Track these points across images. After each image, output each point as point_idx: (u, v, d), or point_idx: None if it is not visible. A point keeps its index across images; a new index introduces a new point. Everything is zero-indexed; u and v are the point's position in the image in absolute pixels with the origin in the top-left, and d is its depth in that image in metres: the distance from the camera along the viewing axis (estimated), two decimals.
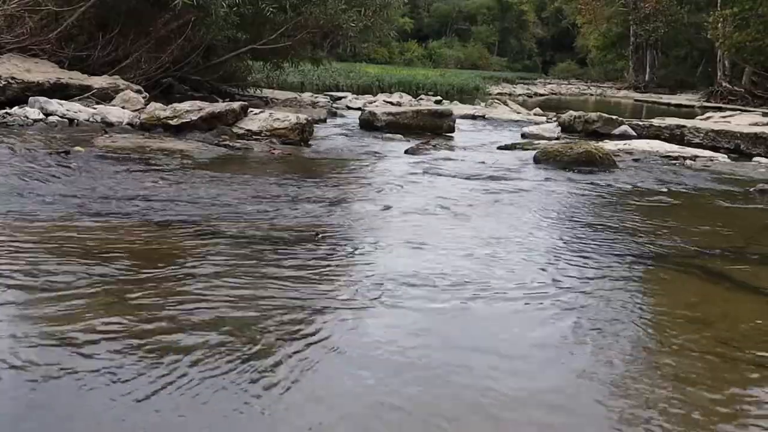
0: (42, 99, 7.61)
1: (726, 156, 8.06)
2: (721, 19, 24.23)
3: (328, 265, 3.08)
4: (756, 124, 11.74)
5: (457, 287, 2.87)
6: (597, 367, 2.20)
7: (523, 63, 57.11)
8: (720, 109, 20.59)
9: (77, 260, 2.88)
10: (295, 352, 2.16)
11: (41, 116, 7.24)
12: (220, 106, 7.70)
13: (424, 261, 3.22)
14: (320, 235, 3.58)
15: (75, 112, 7.56)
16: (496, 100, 15.51)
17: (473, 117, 12.26)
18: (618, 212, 4.70)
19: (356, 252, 3.34)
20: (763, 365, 2.29)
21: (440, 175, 5.84)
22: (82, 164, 5.08)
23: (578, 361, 2.24)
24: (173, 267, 2.89)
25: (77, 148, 5.69)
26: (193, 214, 3.86)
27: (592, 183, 5.79)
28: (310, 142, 7.40)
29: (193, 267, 2.91)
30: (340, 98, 15.27)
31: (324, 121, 9.95)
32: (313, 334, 2.31)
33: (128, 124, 7.34)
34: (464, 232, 3.84)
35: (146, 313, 2.37)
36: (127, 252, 3.06)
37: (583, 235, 3.94)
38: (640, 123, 10.48)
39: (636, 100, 28.53)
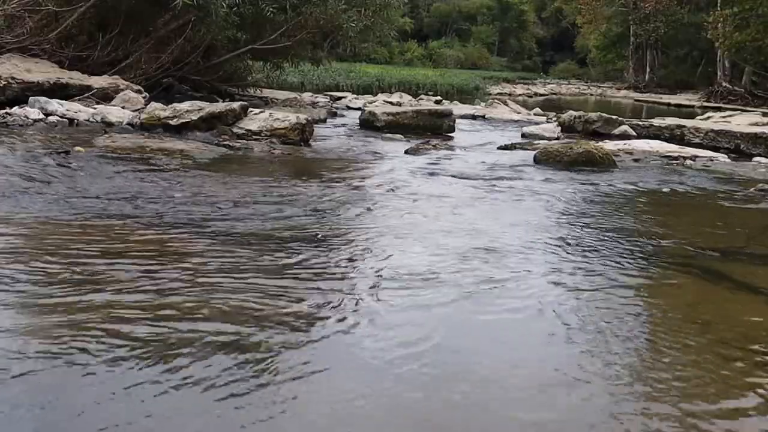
0: (42, 99, 7.62)
1: (726, 156, 8.06)
2: (721, 19, 24.22)
3: (328, 264, 3.08)
4: (756, 124, 11.74)
5: (454, 286, 2.87)
6: (595, 366, 2.20)
7: (523, 63, 57.06)
8: (720, 109, 20.61)
9: (77, 260, 2.88)
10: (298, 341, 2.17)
11: (41, 116, 7.25)
12: (220, 106, 7.70)
13: (424, 259, 3.22)
14: (321, 235, 3.58)
15: (75, 112, 7.57)
16: (496, 100, 15.48)
17: (473, 117, 12.26)
18: (618, 212, 4.70)
19: (356, 251, 3.34)
20: (763, 365, 2.29)
21: (440, 175, 5.84)
22: (82, 164, 5.08)
23: (577, 360, 2.24)
24: (175, 266, 2.88)
25: (77, 148, 5.69)
26: (194, 214, 3.86)
27: (592, 183, 5.79)
28: (310, 142, 7.40)
29: (196, 265, 2.91)
30: (340, 98, 15.26)
31: (324, 121, 9.95)
32: (314, 323, 2.32)
33: (128, 124, 7.34)
34: (464, 232, 3.84)
35: (150, 312, 2.37)
36: (128, 251, 3.06)
37: (583, 235, 3.94)
38: (640, 123, 10.48)
39: (636, 100, 28.53)
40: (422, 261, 3.22)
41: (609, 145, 7.82)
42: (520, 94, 28.19)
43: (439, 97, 16.96)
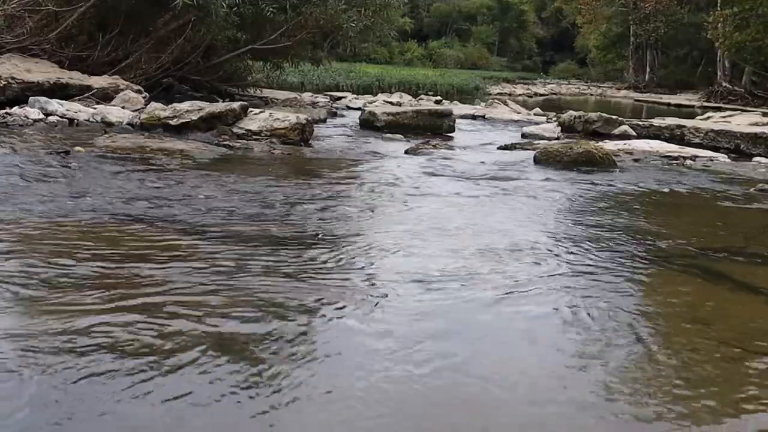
0: (42, 99, 7.62)
1: (726, 156, 8.06)
2: (721, 19, 24.23)
3: (329, 264, 3.08)
4: (756, 124, 11.74)
5: (453, 287, 2.87)
6: (595, 365, 2.20)
7: (523, 63, 57.09)
8: (720, 109, 20.62)
9: (78, 259, 2.88)
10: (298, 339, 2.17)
11: (41, 116, 7.25)
12: (220, 106, 7.70)
13: (424, 260, 3.22)
14: (321, 235, 3.58)
15: (75, 112, 7.57)
16: (496, 100, 15.49)
17: (473, 117, 12.26)
18: (618, 212, 4.69)
19: (356, 251, 3.34)
20: (763, 365, 2.29)
21: (440, 174, 5.84)
22: (82, 164, 5.08)
23: (577, 359, 2.24)
24: (176, 266, 2.88)
25: (77, 148, 5.69)
26: (194, 214, 3.86)
27: (592, 183, 5.79)
28: (310, 142, 7.40)
29: (196, 265, 2.91)
30: (340, 98, 15.26)
31: (324, 121, 9.95)
32: (314, 322, 2.32)
33: (128, 124, 7.34)
34: (463, 232, 3.84)
35: (153, 312, 2.37)
36: (128, 251, 3.06)
37: (583, 235, 3.94)
38: (640, 123, 10.48)
39: (636, 100, 28.54)
40: (424, 261, 3.22)
41: (609, 145, 7.82)
42: (520, 94, 28.20)
43: (439, 97, 16.96)
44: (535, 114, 13.35)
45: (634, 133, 9.68)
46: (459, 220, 4.16)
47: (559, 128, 9.97)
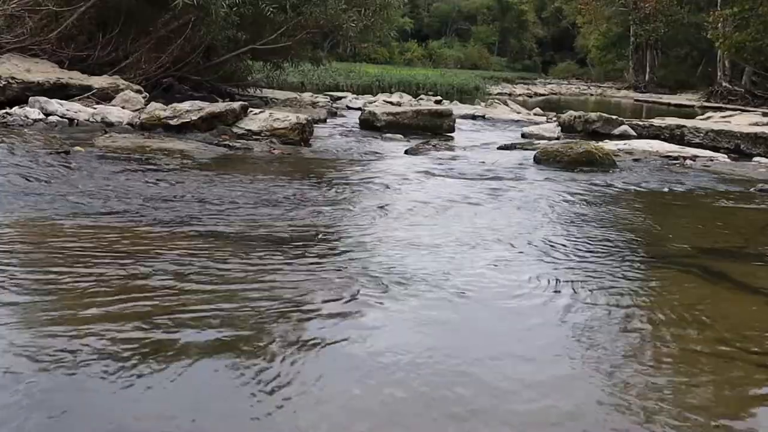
0: (42, 99, 7.62)
1: (726, 156, 8.05)
2: (721, 19, 24.23)
3: (328, 264, 3.08)
4: (756, 124, 11.73)
5: (452, 287, 2.87)
6: (595, 367, 2.20)
7: (523, 63, 57.12)
8: (720, 109, 20.59)
9: (77, 260, 2.88)
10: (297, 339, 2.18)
11: (41, 116, 7.25)
12: (220, 106, 7.70)
13: (423, 260, 3.22)
14: (320, 235, 3.58)
15: (75, 112, 7.57)
16: (496, 100, 15.51)
17: (473, 117, 12.26)
18: (618, 212, 4.70)
19: (356, 252, 3.34)
20: (763, 365, 2.29)
21: (440, 175, 5.84)
22: (82, 164, 5.08)
23: (576, 359, 2.24)
24: (176, 266, 2.88)
25: (77, 147, 5.70)
26: (194, 214, 3.86)
27: (592, 183, 5.79)
28: (310, 142, 7.40)
29: (196, 266, 2.91)
30: (340, 98, 15.26)
31: (324, 121, 9.95)
32: (312, 321, 2.32)
33: (128, 124, 7.34)
34: (464, 232, 3.84)
35: (152, 314, 2.37)
36: (129, 251, 3.06)
37: (583, 235, 3.94)
38: (640, 123, 10.48)
39: (636, 100, 28.53)
40: (420, 257, 3.22)
41: (609, 145, 7.82)
42: (520, 94, 28.19)
43: (439, 97, 16.96)
44: (535, 114, 13.35)
45: (634, 133, 9.68)
46: (460, 220, 4.16)
47: (559, 128, 9.97)
